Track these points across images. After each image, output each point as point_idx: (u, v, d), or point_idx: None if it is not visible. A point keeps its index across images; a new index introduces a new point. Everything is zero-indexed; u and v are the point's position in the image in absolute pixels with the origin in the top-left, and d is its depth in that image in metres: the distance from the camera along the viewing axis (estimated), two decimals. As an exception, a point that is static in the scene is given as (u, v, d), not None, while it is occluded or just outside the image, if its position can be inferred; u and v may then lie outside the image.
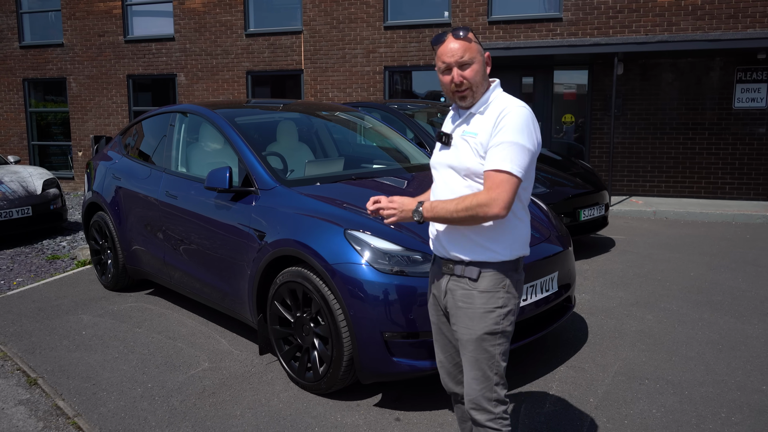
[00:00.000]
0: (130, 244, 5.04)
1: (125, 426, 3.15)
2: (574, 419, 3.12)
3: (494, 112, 2.09)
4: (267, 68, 12.40)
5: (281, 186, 3.74)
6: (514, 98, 2.15)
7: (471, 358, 2.14)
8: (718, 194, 10.17)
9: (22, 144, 14.45)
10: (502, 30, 10.82)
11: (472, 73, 2.10)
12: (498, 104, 2.12)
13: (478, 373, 2.13)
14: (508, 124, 2.03)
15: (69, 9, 13.58)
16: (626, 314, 4.65)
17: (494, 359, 2.13)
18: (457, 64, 2.08)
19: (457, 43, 2.08)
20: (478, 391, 2.14)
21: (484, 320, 2.11)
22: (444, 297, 2.23)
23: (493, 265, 2.12)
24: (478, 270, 2.12)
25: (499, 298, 2.13)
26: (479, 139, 2.08)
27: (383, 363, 3.06)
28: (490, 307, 2.12)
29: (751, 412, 3.16)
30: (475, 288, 2.13)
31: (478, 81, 2.11)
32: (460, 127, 2.17)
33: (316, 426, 3.09)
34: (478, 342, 2.12)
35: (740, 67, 9.85)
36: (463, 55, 2.08)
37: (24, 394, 3.56)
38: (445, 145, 2.20)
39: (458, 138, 2.16)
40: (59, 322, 4.69)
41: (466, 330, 2.14)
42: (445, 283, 2.21)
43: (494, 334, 2.12)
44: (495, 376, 2.14)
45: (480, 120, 2.12)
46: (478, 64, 2.11)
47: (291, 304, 3.43)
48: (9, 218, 7.76)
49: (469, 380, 2.16)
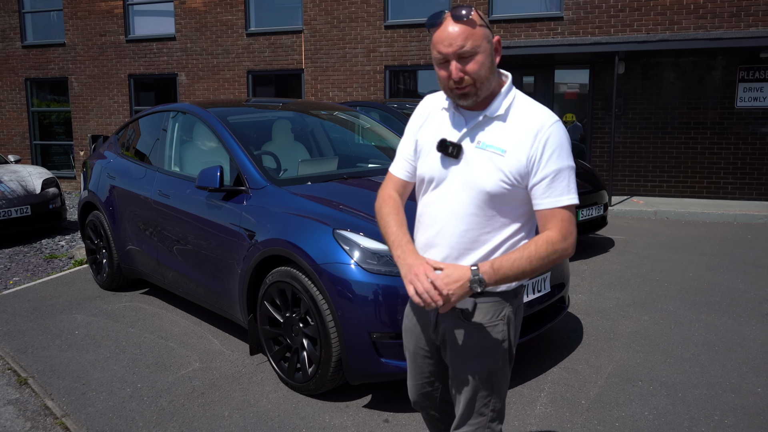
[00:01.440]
0: (124, 243, 5.03)
1: (112, 426, 3.13)
2: (565, 421, 3.08)
3: (526, 128, 1.71)
4: (268, 68, 12.39)
5: (272, 185, 3.72)
6: (540, 105, 1.79)
7: (466, 396, 1.86)
8: (720, 194, 10.10)
9: (24, 143, 14.49)
10: (503, 29, 10.77)
11: (477, 66, 1.66)
12: (526, 114, 1.74)
13: (473, 412, 1.86)
14: (556, 145, 1.69)
15: (71, 9, 13.60)
16: (622, 315, 4.61)
17: (492, 397, 1.85)
18: (456, 56, 1.66)
19: (458, 26, 1.64)
20: (471, 429, 1.88)
21: (482, 358, 1.82)
22: (434, 330, 1.90)
23: (492, 295, 1.80)
24: (473, 301, 1.79)
25: (498, 332, 1.81)
26: (509, 160, 1.70)
27: (371, 364, 3.03)
28: (489, 344, 1.81)
29: (744, 414, 3.12)
30: (470, 323, 1.81)
31: (484, 75, 1.68)
32: (473, 134, 1.76)
33: (304, 427, 3.06)
34: (475, 381, 1.83)
35: (743, 66, 9.77)
36: (465, 44, 1.64)
37: (14, 393, 3.55)
38: (452, 157, 1.76)
39: (472, 150, 1.74)
40: (53, 321, 4.69)
41: (461, 369, 1.85)
42: (434, 316, 1.88)
43: (493, 372, 1.83)
44: (491, 412, 1.87)
45: (504, 131, 1.73)
46: (484, 54, 1.67)
47: (280, 304, 3.41)
48: (8, 217, 7.77)
49: (461, 417, 1.88)
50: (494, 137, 1.73)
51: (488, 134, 1.74)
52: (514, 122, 1.73)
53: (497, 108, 1.75)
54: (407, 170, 1.95)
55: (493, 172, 1.71)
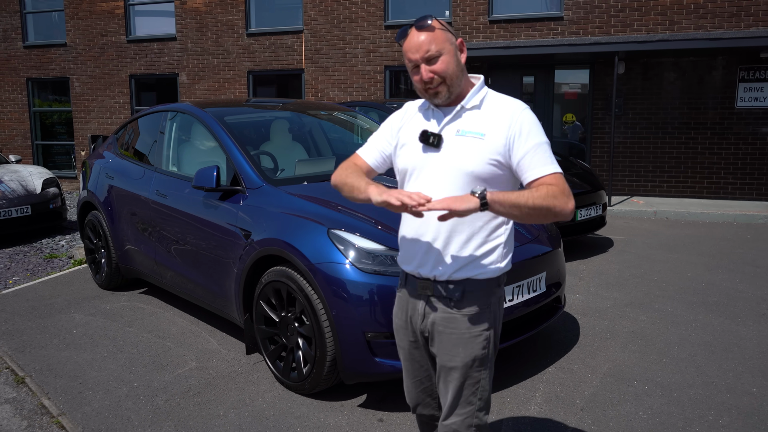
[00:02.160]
0: (122, 243, 5.05)
1: (108, 425, 3.14)
2: (559, 421, 3.08)
3: (501, 113, 1.87)
4: (268, 68, 12.41)
5: (268, 185, 3.73)
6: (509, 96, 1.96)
7: (454, 385, 1.93)
8: (720, 194, 10.09)
9: (25, 143, 14.53)
10: (502, 29, 10.77)
11: (443, 65, 1.84)
12: (499, 103, 1.91)
13: (460, 401, 1.94)
14: (530, 126, 1.85)
15: (72, 9, 13.63)
16: (619, 315, 4.61)
17: (479, 385, 1.94)
18: (424, 60, 1.84)
19: (422, 34, 1.84)
20: (460, 419, 1.94)
21: (469, 346, 1.91)
22: (422, 321, 1.99)
23: (478, 283, 1.91)
24: (461, 289, 1.90)
25: (485, 321, 1.92)
26: (489, 143, 1.84)
27: (365, 363, 3.04)
28: (476, 331, 1.91)
29: (739, 414, 3.12)
30: (458, 311, 1.91)
31: (452, 73, 1.85)
32: (452, 124, 1.90)
33: (299, 426, 3.07)
34: (463, 369, 1.92)
35: (743, 66, 9.76)
36: (430, 47, 1.83)
37: (11, 392, 3.56)
38: (433, 146, 1.89)
39: (453, 137, 1.89)
40: (51, 320, 4.70)
41: (449, 357, 1.93)
42: (422, 307, 1.98)
43: (480, 359, 1.92)
44: (478, 401, 1.95)
45: (479, 117, 1.89)
46: (449, 54, 1.85)
47: (276, 303, 3.42)
48: (8, 217, 7.79)
49: (449, 407, 1.96)
50: (472, 124, 1.89)
51: (466, 122, 1.90)
52: (490, 110, 1.90)
53: (471, 99, 1.92)
54: (376, 159, 2.10)
55: (475, 154, 1.85)
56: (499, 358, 3.80)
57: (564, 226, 6.25)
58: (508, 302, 3.30)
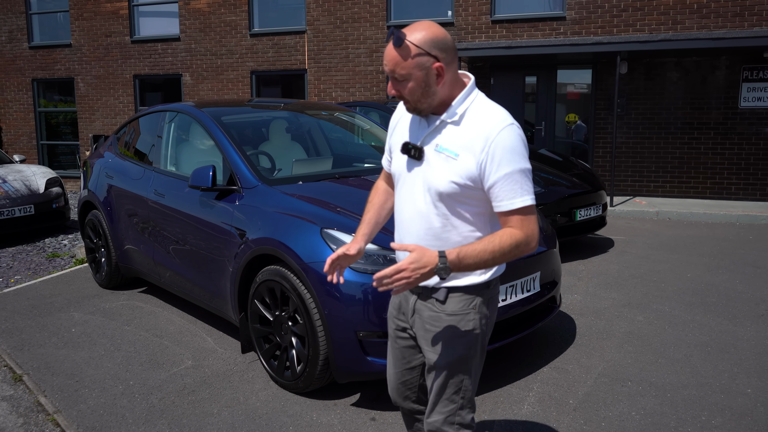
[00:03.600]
0: (122, 242, 5.08)
1: (103, 423, 3.16)
2: (551, 421, 3.08)
3: (478, 132, 1.77)
4: (271, 68, 12.44)
5: (263, 185, 3.74)
6: (496, 108, 1.83)
7: (438, 383, 1.95)
8: (723, 195, 10.04)
9: (31, 143, 14.62)
10: (505, 29, 10.76)
11: (407, 91, 1.79)
12: (480, 117, 1.80)
13: (443, 399, 1.96)
14: (505, 151, 1.74)
15: (77, 10, 13.71)
16: (617, 315, 4.60)
17: (462, 384, 1.95)
18: (390, 75, 1.80)
19: (393, 50, 1.76)
20: (442, 417, 1.96)
21: (453, 345, 1.92)
22: (411, 317, 2.02)
23: (464, 288, 1.91)
24: (445, 291, 1.91)
25: (469, 321, 1.91)
26: (461, 165, 1.78)
27: (358, 362, 3.05)
28: (460, 332, 1.91)
29: (732, 415, 3.11)
30: (443, 311, 1.92)
31: (417, 98, 1.80)
32: (432, 138, 1.86)
33: (291, 425, 3.08)
34: (446, 367, 1.93)
35: (746, 66, 9.72)
36: (394, 69, 1.77)
37: (8, 390, 3.60)
38: (415, 159, 1.88)
39: (432, 152, 1.85)
40: (51, 319, 4.74)
41: (433, 355, 1.94)
42: (412, 303, 2.00)
43: (465, 359, 1.93)
44: (461, 399, 1.96)
45: (458, 135, 1.81)
46: (416, 82, 1.77)
47: (270, 302, 3.44)
48: (12, 216, 7.86)
49: (432, 405, 1.98)
50: (449, 141, 1.83)
51: (444, 137, 1.84)
52: (468, 127, 1.81)
53: (452, 113, 1.83)
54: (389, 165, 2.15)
55: (445, 174, 1.81)
56: (493, 357, 3.81)
57: (563, 227, 6.25)
58: (502, 302, 3.30)
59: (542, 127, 10.93)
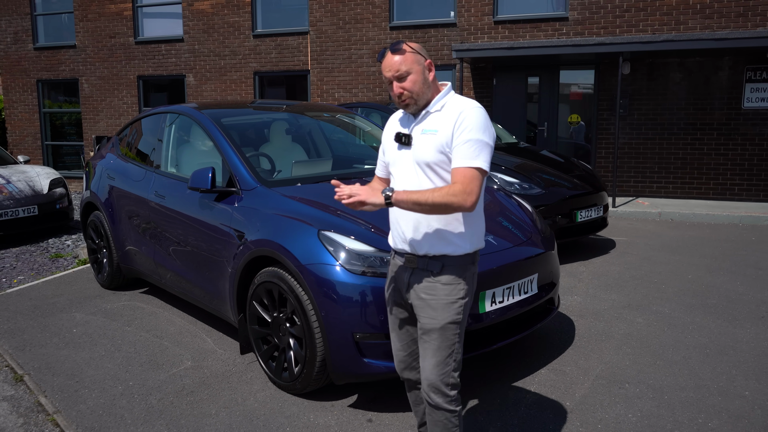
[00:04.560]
0: (123, 243, 5.11)
1: (102, 423, 3.19)
2: (547, 423, 3.09)
3: (453, 112, 2.22)
4: (274, 69, 12.47)
5: (262, 186, 3.76)
6: (469, 99, 2.29)
7: (433, 345, 2.27)
8: (726, 195, 10.01)
9: (36, 144, 14.70)
10: (507, 30, 10.76)
11: (411, 83, 2.23)
12: (455, 104, 2.26)
13: (439, 360, 2.26)
14: (470, 122, 2.16)
15: (81, 11, 13.78)
16: (616, 317, 4.60)
17: (454, 346, 2.28)
18: (395, 78, 2.23)
19: (395, 56, 2.23)
20: (438, 376, 2.26)
21: (447, 310, 2.25)
22: (407, 289, 2.36)
23: (454, 259, 2.27)
24: (440, 263, 2.27)
25: (460, 290, 2.28)
26: (440, 136, 2.21)
27: (354, 364, 3.06)
28: (453, 298, 2.27)
29: (729, 417, 3.11)
30: (438, 281, 2.27)
31: (418, 90, 2.24)
32: (418, 125, 2.30)
33: (288, 426, 3.10)
34: (441, 331, 2.25)
35: (750, 66, 9.69)
36: (399, 68, 2.22)
37: (9, 390, 3.63)
38: (405, 144, 2.32)
39: (418, 136, 2.28)
40: (52, 319, 4.77)
41: (429, 320, 2.27)
42: (408, 276, 2.35)
43: (456, 323, 2.27)
44: (453, 362, 2.28)
45: (438, 118, 2.25)
46: (417, 73, 2.23)
47: (268, 304, 3.45)
48: (15, 217, 7.90)
49: (429, 366, 2.28)
50: (432, 124, 2.27)
51: (428, 123, 2.28)
52: (446, 111, 2.26)
53: (434, 105, 2.30)
54: (382, 169, 2.57)
55: (431, 147, 2.23)
56: (491, 359, 3.82)
57: (564, 228, 6.25)
58: (499, 303, 3.31)
59: (545, 127, 10.92)
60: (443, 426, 2.32)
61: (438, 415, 2.31)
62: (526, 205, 4.28)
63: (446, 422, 2.31)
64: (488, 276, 3.22)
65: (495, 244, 3.45)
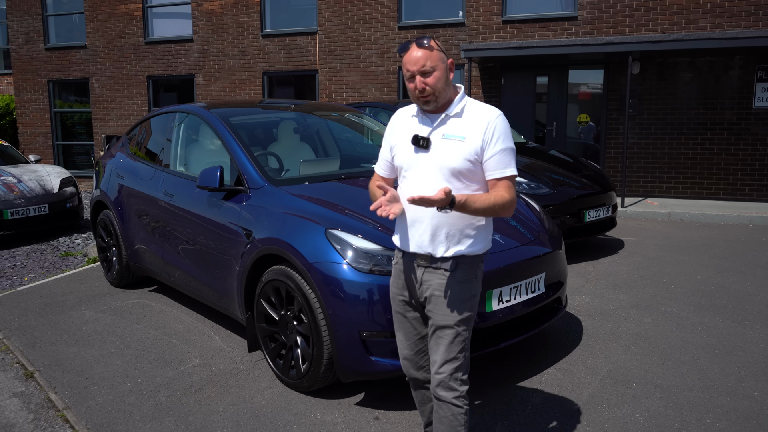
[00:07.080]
0: (132, 242, 5.14)
1: (111, 419, 3.22)
2: (554, 422, 3.08)
3: (479, 120, 2.26)
4: (283, 69, 12.51)
5: (270, 185, 3.78)
6: (487, 105, 2.34)
7: (446, 341, 2.30)
8: (737, 196, 9.94)
9: (46, 144, 14.82)
10: (516, 29, 10.74)
11: (434, 80, 2.22)
12: (477, 111, 2.29)
13: (450, 356, 2.30)
14: (500, 132, 2.24)
15: (92, 11, 13.88)
16: (624, 317, 4.58)
17: (465, 342, 2.33)
18: (419, 72, 2.21)
19: (420, 51, 2.21)
20: (449, 372, 2.30)
21: (461, 307, 2.31)
22: (419, 288, 2.38)
23: (469, 257, 2.32)
24: (455, 262, 2.30)
25: (473, 287, 2.35)
26: (469, 145, 2.23)
27: (361, 362, 3.07)
28: (466, 295, 2.32)
29: (737, 418, 3.09)
30: (452, 278, 2.31)
31: (440, 87, 2.23)
32: (438, 129, 2.29)
33: (295, 423, 3.11)
34: (454, 327, 2.30)
35: (761, 65, 9.61)
36: (425, 63, 2.20)
37: (20, 386, 3.66)
38: (423, 148, 2.29)
39: (438, 140, 2.27)
40: (62, 317, 4.81)
41: (443, 317, 2.30)
42: (420, 275, 2.36)
43: (469, 319, 2.33)
44: (463, 358, 2.33)
45: (461, 124, 2.27)
46: (440, 71, 2.23)
47: (276, 302, 3.47)
48: (27, 216, 7.97)
49: (440, 362, 2.31)
50: (455, 129, 2.28)
51: (450, 127, 2.29)
52: (469, 117, 2.28)
53: (453, 108, 2.30)
54: (386, 168, 2.53)
55: (456, 154, 2.24)
56: (499, 358, 3.82)
57: (572, 228, 6.23)
58: (506, 302, 3.31)
59: (553, 127, 10.88)
60: (449, 423, 2.32)
61: (445, 411, 2.33)
62: (533, 204, 4.27)
63: (453, 419, 2.32)
64: (495, 275, 3.22)
65: (502, 243, 3.45)
